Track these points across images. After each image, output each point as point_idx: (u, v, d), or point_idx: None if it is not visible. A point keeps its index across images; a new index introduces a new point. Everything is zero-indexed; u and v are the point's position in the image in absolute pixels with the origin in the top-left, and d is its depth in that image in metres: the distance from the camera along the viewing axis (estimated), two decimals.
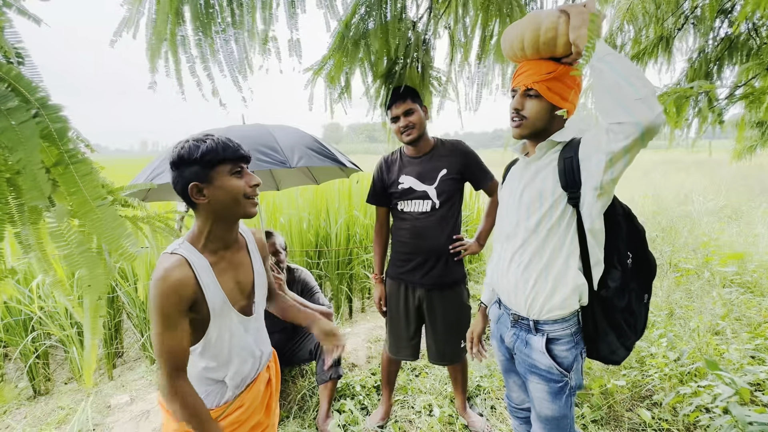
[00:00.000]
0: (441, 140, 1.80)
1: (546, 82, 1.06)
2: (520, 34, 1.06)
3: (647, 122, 0.85)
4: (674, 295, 3.23)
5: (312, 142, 1.79)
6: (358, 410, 2.13)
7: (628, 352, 1.15)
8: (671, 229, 5.13)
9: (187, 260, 0.96)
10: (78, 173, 0.42)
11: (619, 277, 1.09)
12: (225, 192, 0.99)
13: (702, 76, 2.62)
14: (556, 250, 1.09)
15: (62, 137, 0.42)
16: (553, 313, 1.11)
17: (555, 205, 1.08)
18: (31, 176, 0.39)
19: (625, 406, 2.11)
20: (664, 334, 2.46)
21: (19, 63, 0.57)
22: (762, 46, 2.37)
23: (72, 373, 2.51)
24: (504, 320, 1.26)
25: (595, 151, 0.96)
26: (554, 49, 1.04)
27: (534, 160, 1.15)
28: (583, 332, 1.15)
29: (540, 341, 1.13)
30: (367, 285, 3.80)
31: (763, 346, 2.39)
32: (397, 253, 1.85)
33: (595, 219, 1.05)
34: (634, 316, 1.13)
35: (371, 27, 1.70)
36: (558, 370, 1.12)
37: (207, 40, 1.45)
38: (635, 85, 0.86)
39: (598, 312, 1.11)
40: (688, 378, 2.18)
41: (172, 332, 0.93)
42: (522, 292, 1.14)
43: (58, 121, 0.42)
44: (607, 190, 1.01)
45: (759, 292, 3.30)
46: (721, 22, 2.60)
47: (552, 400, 1.14)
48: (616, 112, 0.88)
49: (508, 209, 1.21)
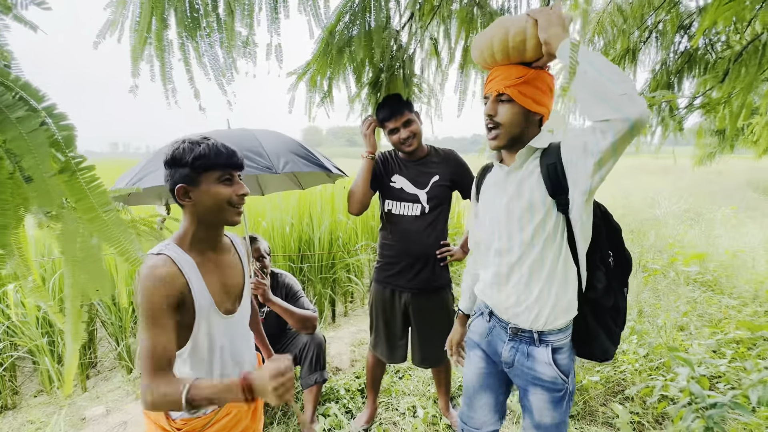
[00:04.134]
0: (434, 147, 1.85)
1: (517, 86, 1.05)
2: (489, 40, 1.06)
3: (635, 116, 0.84)
4: (643, 294, 3.40)
5: (297, 147, 1.80)
6: (343, 414, 2.14)
7: (616, 347, 1.18)
8: (639, 231, 5.40)
9: (172, 259, 0.97)
10: (84, 180, 0.44)
11: (603, 277, 1.11)
12: (210, 197, 1.00)
13: (664, 86, 2.79)
14: (554, 259, 1.08)
15: (69, 145, 0.43)
16: (558, 322, 1.10)
17: (547, 215, 1.07)
18: (42, 184, 0.41)
19: (600, 401, 2.20)
20: (634, 331, 2.59)
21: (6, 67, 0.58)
22: (717, 60, 2.55)
23: (42, 385, 2.40)
24: (498, 334, 1.23)
25: (582, 154, 0.96)
26: (524, 53, 1.04)
27: (515, 169, 1.12)
28: (573, 336, 1.16)
29: (545, 353, 1.12)
30: (349, 289, 3.81)
31: (724, 341, 2.55)
32: (384, 256, 1.87)
33: (585, 222, 1.05)
34: (618, 313, 1.16)
35: (355, 34, 1.73)
36: (562, 378, 1.11)
37: (192, 43, 1.45)
38: (617, 82, 0.86)
39: (588, 314, 1.12)
40: (657, 372, 2.30)
41: (159, 330, 0.92)
42: (525, 305, 1.12)
43: (65, 129, 0.43)
44: (594, 192, 1.01)
45: (719, 290, 3.51)
46: (681, 36, 2.78)
47: (554, 408, 1.14)
48: (602, 109, 0.87)
49: (493, 221, 1.18)
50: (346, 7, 1.66)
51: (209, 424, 1.08)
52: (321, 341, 2.12)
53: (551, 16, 0.98)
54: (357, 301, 3.95)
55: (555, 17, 0.97)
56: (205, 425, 1.08)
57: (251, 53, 1.59)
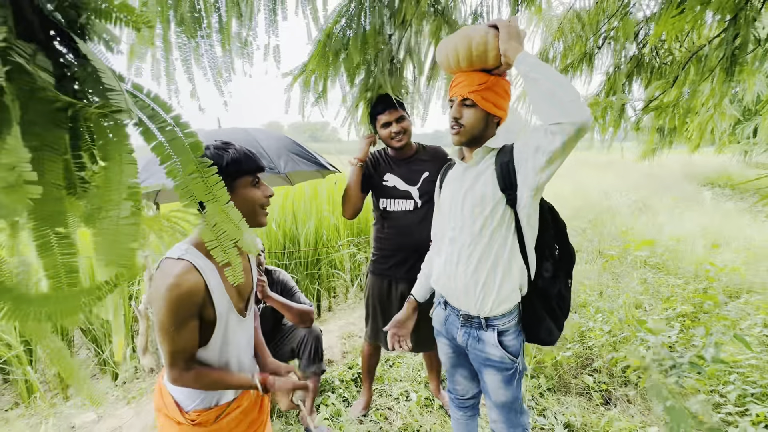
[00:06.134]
0: (422, 145, 1.95)
1: (480, 92, 1.15)
2: (454, 48, 1.15)
3: (581, 121, 0.96)
4: (602, 278, 3.75)
5: (293, 145, 1.84)
6: (340, 402, 2.22)
7: (561, 332, 1.30)
8: (597, 221, 5.87)
9: (194, 266, 0.97)
10: (210, 182, 0.51)
11: (551, 267, 1.24)
12: (245, 203, 1.02)
13: (617, 88, 3.08)
14: (500, 250, 1.19)
15: (197, 150, 0.50)
16: (501, 308, 1.21)
17: (496, 207, 1.17)
18: (185, 185, 0.47)
19: (572, 374, 2.44)
20: (599, 310, 2.88)
21: None
22: (662, 66, 2.87)
23: (19, 397, 2.27)
24: (452, 321, 1.34)
25: (534, 153, 1.06)
26: (486, 61, 1.14)
27: (472, 165, 1.24)
28: (523, 320, 1.27)
29: (492, 335, 1.23)
30: (332, 284, 3.87)
31: (673, 315, 2.90)
32: (379, 250, 1.96)
33: (531, 216, 1.17)
34: (564, 300, 1.28)
35: (350, 36, 1.81)
36: (509, 358, 1.23)
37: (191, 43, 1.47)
38: (567, 90, 0.98)
39: (536, 300, 1.24)
40: (620, 346, 2.58)
41: (184, 332, 0.96)
42: (472, 293, 1.22)
43: (190, 137, 0.50)
44: (541, 188, 1.12)
45: (666, 272, 3.94)
46: (630, 43, 3.08)
47: (506, 387, 1.27)
48: (554, 114, 0.99)
49: (450, 212, 1.28)
50: (342, 11, 1.74)
51: (221, 416, 1.12)
52: (318, 334, 2.18)
53: (511, 29, 1.09)
54: (340, 295, 4.02)
55: (514, 31, 1.10)
56: (218, 417, 1.11)
57: (249, 54, 1.63)
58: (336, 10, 1.72)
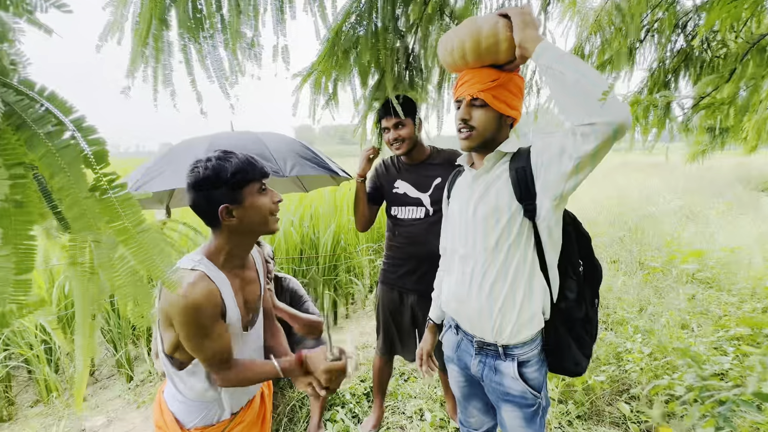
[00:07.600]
0: (437, 149, 1.82)
1: (491, 90, 1.01)
2: (461, 41, 1.01)
3: (619, 121, 0.81)
4: (643, 292, 3.42)
5: (302, 149, 1.77)
6: (350, 419, 2.11)
7: (589, 360, 1.14)
8: (637, 229, 5.44)
9: (208, 276, 0.96)
10: (117, 199, 0.41)
11: (575, 287, 1.08)
12: (255, 211, 0.99)
13: (661, 85, 2.80)
14: (519, 268, 1.04)
15: (100, 161, 0.40)
16: (522, 335, 1.06)
17: (512, 220, 1.03)
18: (77, 205, 0.37)
19: (606, 400, 2.21)
20: (638, 330, 2.60)
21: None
22: (714, 59, 2.57)
23: (39, 395, 2.34)
24: (465, 347, 1.19)
25: (558, 158, 0.92)
26: (497, 55, 0.99)
27: (483, 172, 1.10)
28: (546, 348, 1.11)
29: (511, 366, 1.08)
30: (350, 291, 3.78)
31: (725, 337, 2.57)
32: (390, 258, 1.87)
33: (554, 229, 1.02)
34: (591, 324, 1.13)
35: (361, 33, 1.71)
36: (532, 393, 1.08)
37: (195, 45, 1.41)
38: (600, 85, 0.82)
39: (559, 325, 1.09)
40: (662, 371, 2.31)
41: (213, 336, 0.94)
42: (488, 317, 1.07)
43: (95, 144, 0.40)
44: (565, 198, 0.98)
45: (718, 287, 3.54)
46: (677, 36, 2.79)
47: (527, 425, 1.10)
48: (584, 112, 0.84)
49: (460, 225, 1.14)
50: (352, 7, 1.64)
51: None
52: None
53: (525, 17, 0.93)
54: (358, 302, 3.93)
55: (529, 18, 0.94)
56: None
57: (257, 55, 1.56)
58: (345, 7, 1.62)
